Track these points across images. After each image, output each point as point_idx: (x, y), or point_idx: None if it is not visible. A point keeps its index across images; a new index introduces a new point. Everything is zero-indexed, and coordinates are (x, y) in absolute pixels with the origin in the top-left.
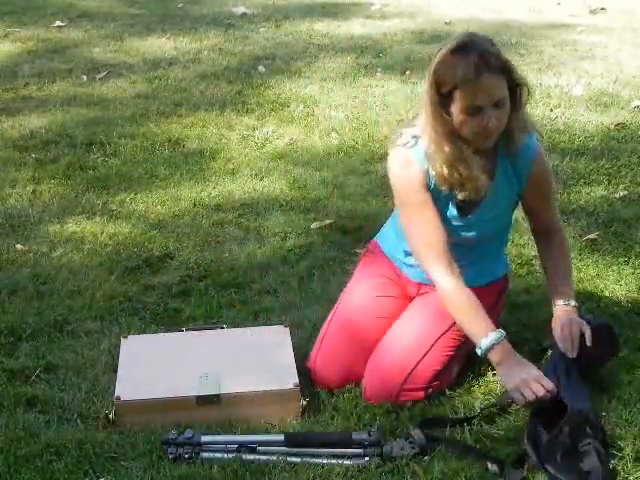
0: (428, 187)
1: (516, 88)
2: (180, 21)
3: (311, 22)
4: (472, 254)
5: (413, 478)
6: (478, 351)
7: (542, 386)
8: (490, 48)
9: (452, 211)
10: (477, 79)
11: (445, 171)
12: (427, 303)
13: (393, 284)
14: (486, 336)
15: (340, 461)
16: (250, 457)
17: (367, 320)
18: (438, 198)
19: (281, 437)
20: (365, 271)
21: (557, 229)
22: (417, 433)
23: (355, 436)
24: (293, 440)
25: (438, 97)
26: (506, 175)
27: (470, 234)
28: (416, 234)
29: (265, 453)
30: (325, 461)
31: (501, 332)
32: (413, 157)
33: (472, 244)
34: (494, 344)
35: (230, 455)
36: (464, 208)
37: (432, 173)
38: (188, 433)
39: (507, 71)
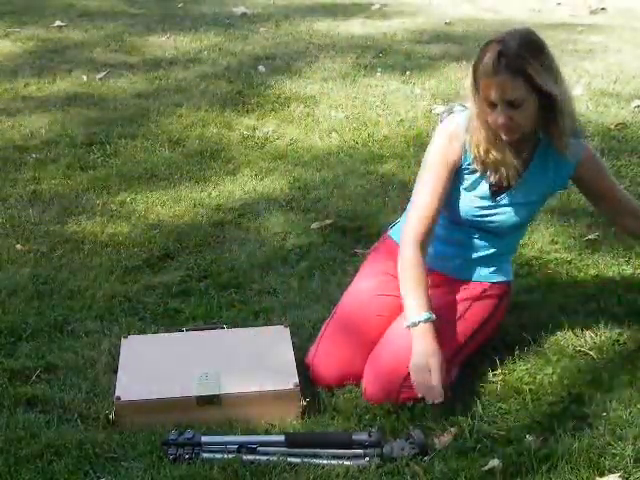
0: (460, 166)
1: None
2: (180, 21)
3: (311, 22)
4: (491, 246)
5: (413, 478)
6: (404, 322)
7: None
8: (515, 48)
9: (484, 189)
10: (492, 76)
11: (481, 152)
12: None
13: (395, 282)
14: (418, 314)
15: (340, 462)
16: (250, 457)
17: (367, 318)
18: (472, 173)
19: (281, 438)
20: (368, 269)
21: (633, 201)
22: (417, 434)
23: (355, 437)
24: (293, 440)
25: (474, 83)
26: (544, 166)
27: (498, 218)
28: (419, 199)
29: (265, 453)
30: (325, 462)
31: (431, 315)
32: (461, 129)
33: (497, 232)
34: (420, 322)
35: (230, 455)
36: (495, 189)
37: (468, 148)
38: (188, 434)
39: (528, 75)
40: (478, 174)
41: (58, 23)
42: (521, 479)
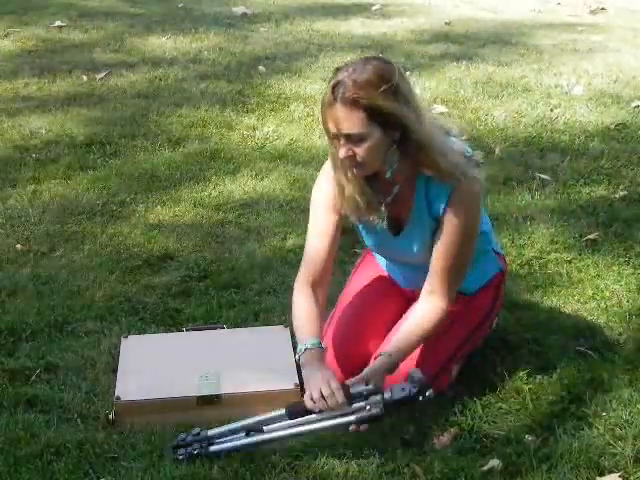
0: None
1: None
2: (180, 21)
3: (311, 22)
4: None
5: (413, 478)
6: (296, 356)
7: (329, 387)
8: (353, 79)
9: (381, 229)
10: (328, 107)
11: (337, 189)
12: None
13: (390, 284)
14: (304, 342)
15: (346, 419)
16: (259, 438)
17: (366, 320)
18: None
19: (282, 411)
20: (364, 272)
21: (436, 294)
22: (415, 371)
23: (353, 389)
24: (295, 411)
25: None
26: (420, 210)
27: (407, 255)
28: (306, 244)
29: (271, 430)
30: (331, 422)
31: (316, 342)
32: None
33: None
34: (306, 349)
35: (239, 442)
36: (392, 227)
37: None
38: (194, 431)
39: (365, 108)
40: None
41: (58, 23)
42: (521, 479)
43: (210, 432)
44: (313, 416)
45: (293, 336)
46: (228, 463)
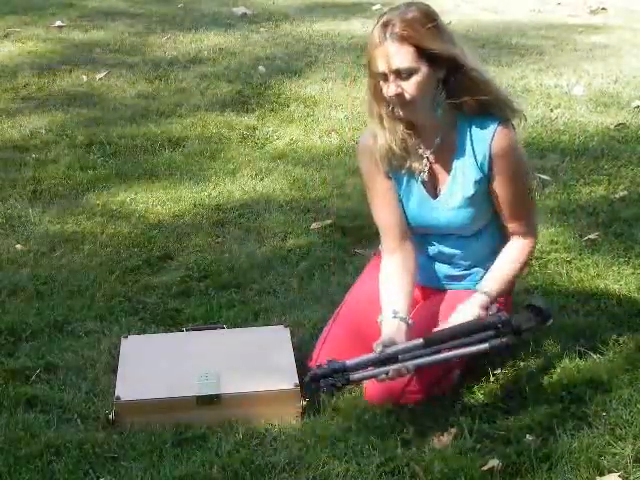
0: (387, 174)
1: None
2: (180, 21)
3: (311, 22)
4: (473, 252)
5: (413, 478)
6: (379, 318)
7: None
8: (399, 16)
9: (419, 191)
10: (378, 45)
11: (371, 142)
12: (430, 307)
13: None
14: (387, 311)
15: (482, 346)
16: (395, 366)
17: (371, 321)
18: (400, 179)
19: (420, 341)
20: (371, 273)
21: (521, 232)
22: (537, 300)
23: (487, 320)
24: (431, 341)
25: (367, 61)
26: (464, 156)
27: (444, 218)
28: (375, 217)
29: (405, 360)
30: (466, 350)
31: (396, 315)
32: (366, 140)
33: (464, 233)
34: (387, 319)
35: (376, 370)
36: (430, 189)
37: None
38: (333, 364)
39: (413, 41)
40: (405, 177)
41: (58, 23)
42: (521, 479)
43: (348, 362)
44: (448, 344)
45: (293, 336)
46: (228, 463)
